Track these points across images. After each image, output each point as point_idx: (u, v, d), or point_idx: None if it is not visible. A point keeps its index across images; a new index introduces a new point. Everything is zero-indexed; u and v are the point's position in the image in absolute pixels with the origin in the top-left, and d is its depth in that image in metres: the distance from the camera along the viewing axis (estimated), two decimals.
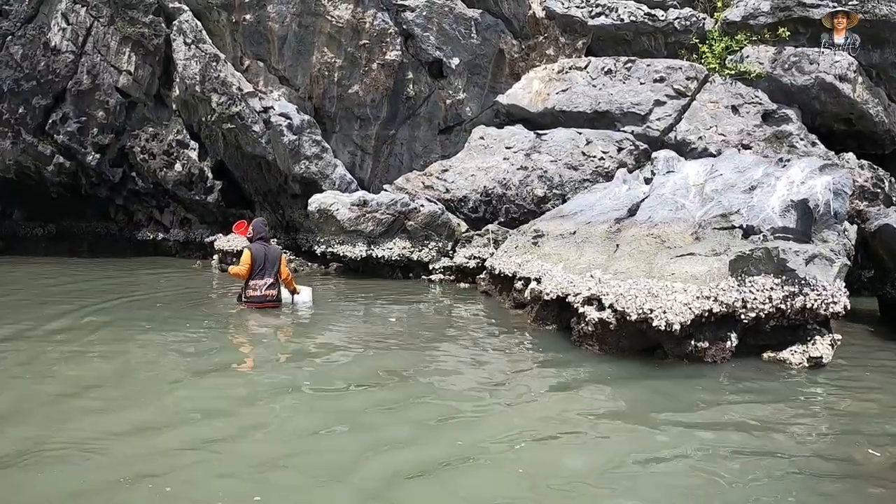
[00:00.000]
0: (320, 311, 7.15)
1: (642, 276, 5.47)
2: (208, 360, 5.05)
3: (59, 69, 10.77)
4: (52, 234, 12.05)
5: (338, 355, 5.28)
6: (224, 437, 3.47)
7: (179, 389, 4.30)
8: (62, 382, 4.34)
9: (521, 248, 8.02)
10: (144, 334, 5.75)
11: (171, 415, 3.82)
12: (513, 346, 5.72)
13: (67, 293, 7.84)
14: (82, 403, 3.96)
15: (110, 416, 3.77)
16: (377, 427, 3.65)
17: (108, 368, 4.72)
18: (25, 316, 6.33)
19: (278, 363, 5.06)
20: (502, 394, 4.33)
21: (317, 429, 3.62)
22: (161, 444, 3.36)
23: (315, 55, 11.50)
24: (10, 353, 5.03)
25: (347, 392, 4.32)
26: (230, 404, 4.00)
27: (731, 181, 6.38)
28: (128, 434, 3.48)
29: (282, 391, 4.27)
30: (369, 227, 9.62)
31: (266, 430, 3.62)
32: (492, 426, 3.74)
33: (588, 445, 3.55)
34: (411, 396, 4.20)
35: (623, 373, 4.81)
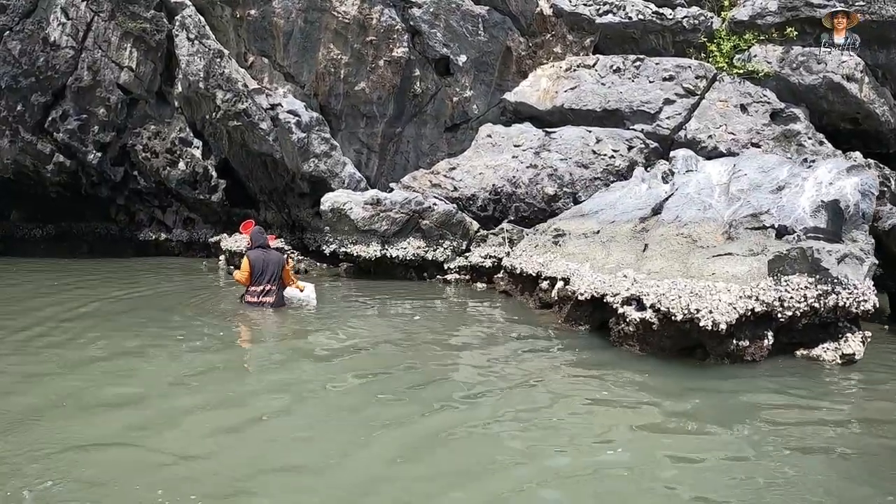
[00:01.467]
0: (340, 314, 7.19)
1: (679, 275, 5.59)
2: (262, 376, 5.04)
3: (59, 65, 10.54)
4: (50, 236, 11.81)
5: (370, 363, 5.17)
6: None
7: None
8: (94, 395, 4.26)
9: (541, 248, 8.10)
10: (170, 337, 5.71)
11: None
12: (550, 347, 5.80)
13: (78, 296, 7.71)
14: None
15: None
16: (442, 436, 3.67)
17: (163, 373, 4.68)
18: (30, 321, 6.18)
19: (315, 374, 5.04)
20: (554, 398, 4.39)
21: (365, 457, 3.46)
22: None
23: (321, 51, 11.42)
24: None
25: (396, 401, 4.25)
26: (291, 402, 4.02)
27: (756, 181, 6.53)
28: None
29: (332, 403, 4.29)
30: (383, 227, 9.61)
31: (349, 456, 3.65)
32: (550, 433, 3.80)
33: (648, 444, 3.63)
34: (469, 398, 4.25)
35: (669, 373, 4.92)
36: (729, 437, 3.78)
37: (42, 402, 4.00)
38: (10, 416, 3.73)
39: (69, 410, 3.89)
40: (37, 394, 4.16)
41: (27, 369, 4.68)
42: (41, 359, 4.94)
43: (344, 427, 3.70)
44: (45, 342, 5.43)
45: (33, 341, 5.46)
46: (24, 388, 4.28)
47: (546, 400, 4.32)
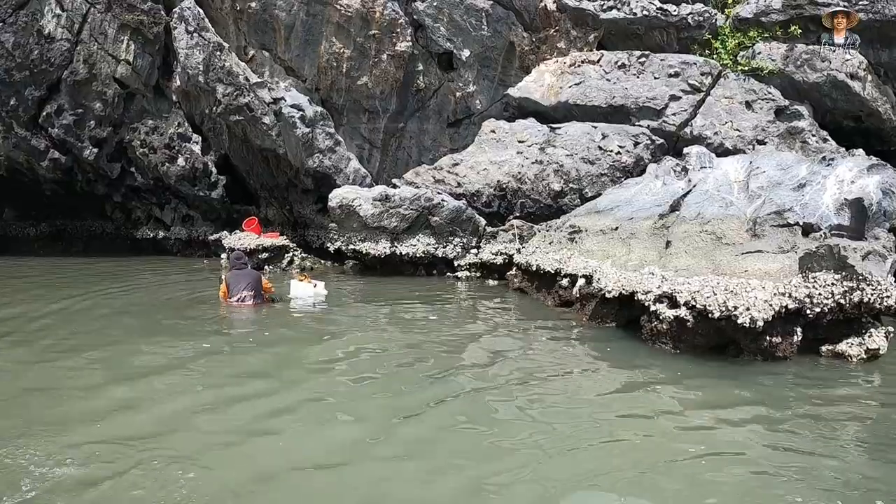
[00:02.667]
0: (353, 313, 7.12)
1: (708, 272, 5.67)
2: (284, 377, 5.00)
3: (54, 58, 10.29)
4: (44, 234, 11.52)
5: (393, 364, 5.08)
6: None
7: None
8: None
9: (556, 244, 8.14)
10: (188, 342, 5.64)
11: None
12: (581, 346, 5.83)
13: (86, 298, 7.56)
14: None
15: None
16: (473, 441, 3.65)
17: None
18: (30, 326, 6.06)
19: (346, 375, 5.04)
20: (593, 398, 4.42)
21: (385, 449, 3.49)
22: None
23: (323, 45, 11.31)
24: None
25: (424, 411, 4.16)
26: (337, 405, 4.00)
27: (776, 178, 6.64)
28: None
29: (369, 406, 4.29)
30: (393, 223, 9.57)
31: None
32: (603, 433, 3.85)
33: (697, 441, 3.69)
34: (508, 401, 4.26)
35: (707, 370, 5.00)
36: (783, 431, 3.87)
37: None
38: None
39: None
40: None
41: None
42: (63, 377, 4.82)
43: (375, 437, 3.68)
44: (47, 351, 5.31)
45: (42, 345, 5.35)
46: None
47: (592, 400, 4.37)
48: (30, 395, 4.22)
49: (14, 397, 4.18)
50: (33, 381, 4.52)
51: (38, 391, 4.28)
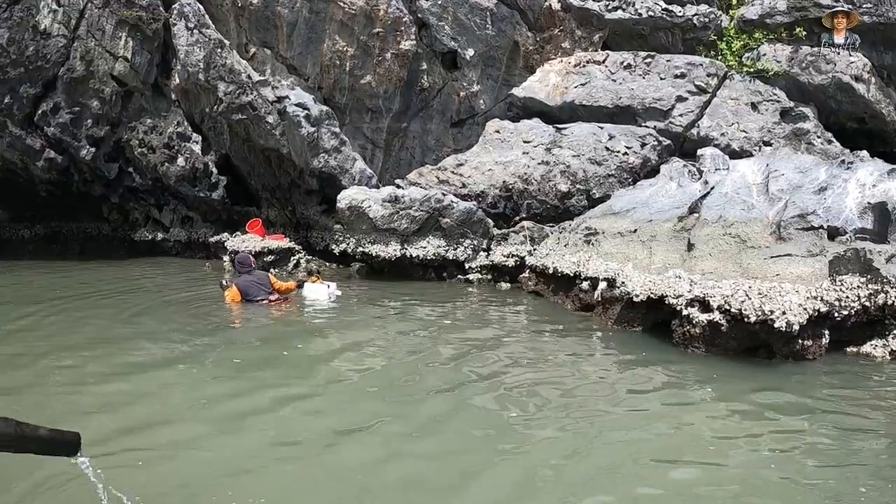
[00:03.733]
0: (366, 317, 7.05)
1: (736, 276, 5.75)
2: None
3: (50, 55, 10.03)
4: (39, 236, 11.24)
5: (417, 373, 5.06)
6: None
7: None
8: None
9: (572, 247, 8.18)
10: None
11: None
12: (609, 350, 5.87)
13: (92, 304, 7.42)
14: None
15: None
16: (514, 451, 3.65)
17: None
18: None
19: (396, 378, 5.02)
20: (631, 403, 4.47)
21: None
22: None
23: (326, 43, 11.21)
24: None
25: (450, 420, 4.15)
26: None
27: (795, 182, 6.76)
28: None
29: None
30: (403, 225, 9.53)
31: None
32: (653, 437, 3.90)
33: (742, 447, 3.75)
34: (542, 405, 4.27)
35: (743, 373, 5.09)
36: (829, 430, 3.97)
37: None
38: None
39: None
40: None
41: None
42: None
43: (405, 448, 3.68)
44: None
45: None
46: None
47: (631, 405, 4.42)
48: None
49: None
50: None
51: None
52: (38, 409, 4.01)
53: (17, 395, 4.32)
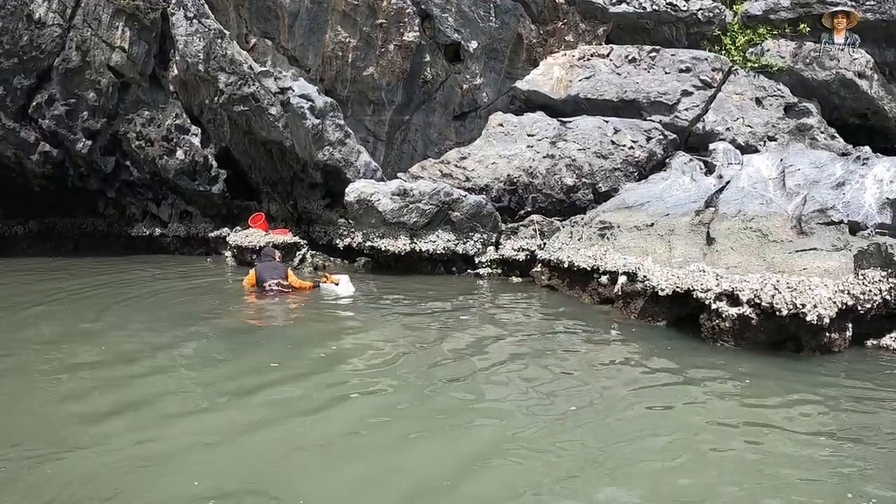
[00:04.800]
0: (378, 312, 6.99)
1: (761, 270, 5.87)
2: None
3: (45, 45, 9.80)
4: (33, 233, 10.96)
5: (446, 370, 5.04)
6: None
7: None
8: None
9: (586, 241, 8.26)
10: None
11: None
12: (636, 345, 5.87)
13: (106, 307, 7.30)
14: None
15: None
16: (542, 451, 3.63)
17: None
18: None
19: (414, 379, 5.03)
20: (667, 397, 4.52)
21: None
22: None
23: (328, 34, 11.13)
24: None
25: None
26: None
27: (812, 177, 6.91)
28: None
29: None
30: (413, 219, 9.52)
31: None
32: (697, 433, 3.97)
33: (790, 440, 3.84)
34: (576, 406, 4.30)
35: (774, 368, 5.18)
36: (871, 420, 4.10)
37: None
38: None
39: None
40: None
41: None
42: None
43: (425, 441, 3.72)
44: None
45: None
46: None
47: (666, 399, 4.48)
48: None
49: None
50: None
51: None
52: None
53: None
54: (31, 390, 4.38)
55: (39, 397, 4.23)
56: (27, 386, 4.45)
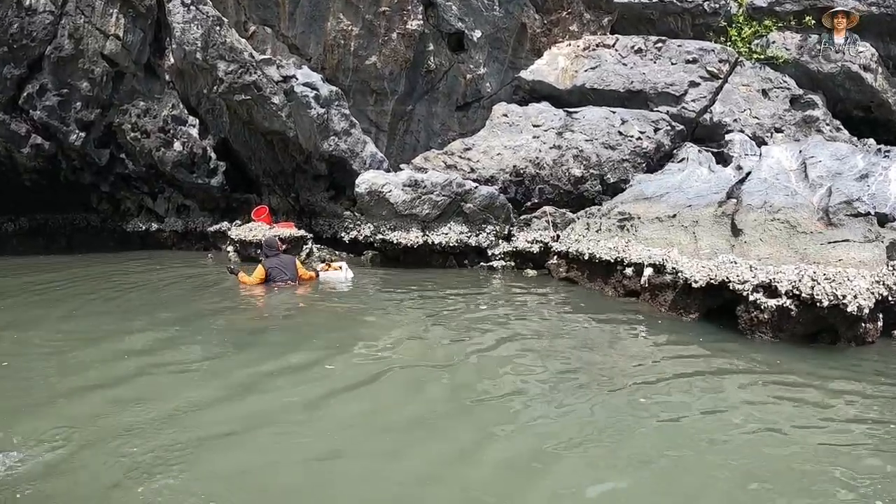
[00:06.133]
0: (408, 312, 6.97)
1: (794, 261, 6.02)
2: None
3: (36, 32, 9.48)
4: (24, 230, 10.62)
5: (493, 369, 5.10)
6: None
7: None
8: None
9: (605, 232, 8.35)
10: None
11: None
12: (671, 337, 5.91)
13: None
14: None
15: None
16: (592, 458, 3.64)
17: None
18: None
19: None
20: (710, 391, 4.59)
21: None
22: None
23: (330, 22, 11.00)
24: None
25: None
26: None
27: (834, 169, 7.09)
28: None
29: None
30: (425, 211, 9.50)
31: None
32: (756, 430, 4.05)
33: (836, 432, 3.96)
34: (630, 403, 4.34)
35: (820, 357, 5.32)
36: None
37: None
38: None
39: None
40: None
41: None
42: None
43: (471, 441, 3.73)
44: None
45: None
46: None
47: (711, 392, 4.56)
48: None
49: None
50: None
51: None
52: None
53: None
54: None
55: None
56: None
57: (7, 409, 3.90)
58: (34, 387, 4.29)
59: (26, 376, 4.49)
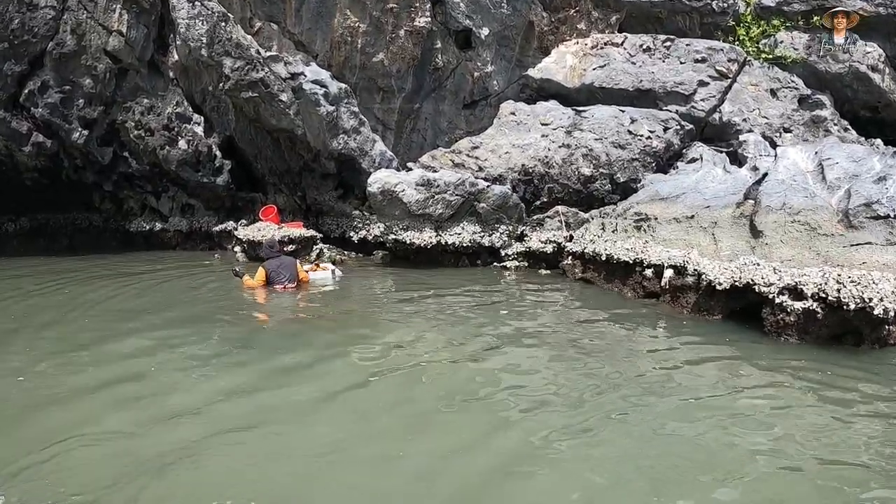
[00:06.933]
0: (423, 313, 7.04)
1: (817, 264, 6.18)
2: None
3: (37, 28, 9.37)
4: (25, 230, 10.50)
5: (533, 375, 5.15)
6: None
7: None
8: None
9: (622, 233, 8.48)
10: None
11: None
12: (696, 339, 6.01)
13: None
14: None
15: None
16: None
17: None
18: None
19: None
20: (742, 393, 4.71)
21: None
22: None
23: (337, 18, 11.00)
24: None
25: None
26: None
27: (851, 170, 7.26)
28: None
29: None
30: (438, 210, 9.56)
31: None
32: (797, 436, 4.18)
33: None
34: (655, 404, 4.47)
35: (849, 360, 5.45)
36: None
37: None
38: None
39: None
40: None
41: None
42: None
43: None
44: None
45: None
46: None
47: (744, 395, 4.68)
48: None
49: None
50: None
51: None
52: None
53: None
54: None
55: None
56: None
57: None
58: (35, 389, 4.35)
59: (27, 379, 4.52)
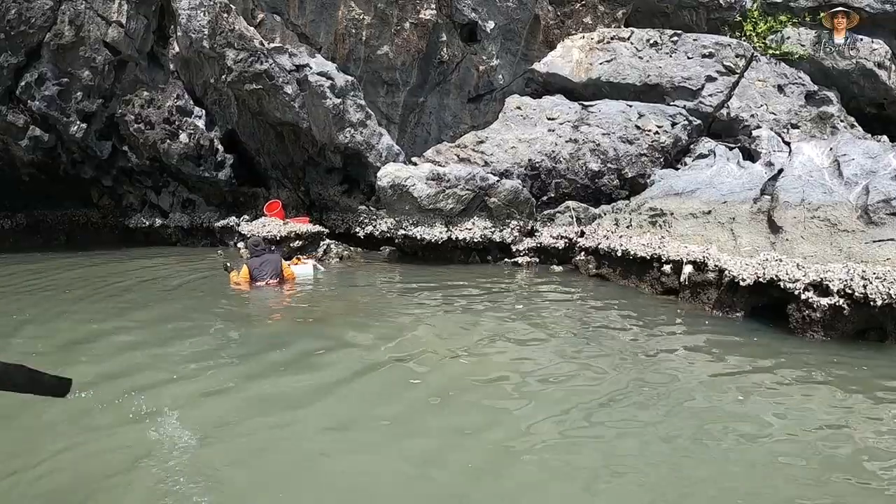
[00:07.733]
0: (438, 309, 6.97)
1: (840, 260, 6.29)
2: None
3: (34, 18, 9.22)
4: (21, 226, 10.32)
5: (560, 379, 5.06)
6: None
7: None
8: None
9: (636, 228, 8.55)
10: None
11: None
12: (720, 337, 6.01)
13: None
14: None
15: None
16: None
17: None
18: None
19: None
20: (774, 392, 4.71)
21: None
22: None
23: (341, 10, 10.96)
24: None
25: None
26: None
27: (867, 167, 7.40)
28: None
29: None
30: (449, 205, 9.56)
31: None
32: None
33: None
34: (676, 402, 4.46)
35: (879, 357, 5.55)
36: None
37: None
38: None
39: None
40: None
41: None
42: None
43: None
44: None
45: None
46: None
47: (777, 394, 4.69)
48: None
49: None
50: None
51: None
52: None
53: None
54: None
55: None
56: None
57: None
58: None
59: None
